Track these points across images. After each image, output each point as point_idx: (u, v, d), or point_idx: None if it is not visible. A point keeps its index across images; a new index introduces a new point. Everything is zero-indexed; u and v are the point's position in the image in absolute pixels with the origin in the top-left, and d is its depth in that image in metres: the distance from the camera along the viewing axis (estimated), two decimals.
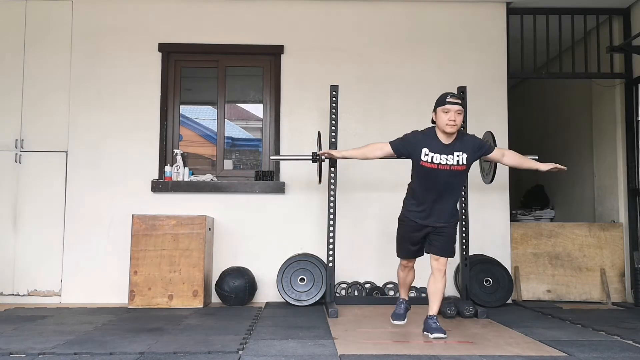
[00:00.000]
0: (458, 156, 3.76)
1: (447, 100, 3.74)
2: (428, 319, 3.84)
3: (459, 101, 3.76)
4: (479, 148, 3.87)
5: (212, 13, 5.76)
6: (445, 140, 3.78)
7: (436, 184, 3.80)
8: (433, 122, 3.86)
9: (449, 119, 3.70)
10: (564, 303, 5.59)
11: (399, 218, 4.00)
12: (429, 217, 3.85)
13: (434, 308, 3.86)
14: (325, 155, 4.46)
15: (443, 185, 3.80)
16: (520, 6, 5.88)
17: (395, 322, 4.12)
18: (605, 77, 6.13)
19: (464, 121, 5.07)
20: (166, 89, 5.72)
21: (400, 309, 4.14)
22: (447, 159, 3.75)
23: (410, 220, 3.90)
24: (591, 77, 6.29)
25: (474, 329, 4.14)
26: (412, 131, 3.93)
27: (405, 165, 4.02)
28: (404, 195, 4.01)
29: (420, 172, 3.83)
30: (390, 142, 3.93)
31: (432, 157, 3.75)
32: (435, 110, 3.81)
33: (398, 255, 4.05)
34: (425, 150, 3.77)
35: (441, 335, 3.71)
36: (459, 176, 3.84)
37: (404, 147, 3.88)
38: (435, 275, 3.87)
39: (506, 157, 4.00)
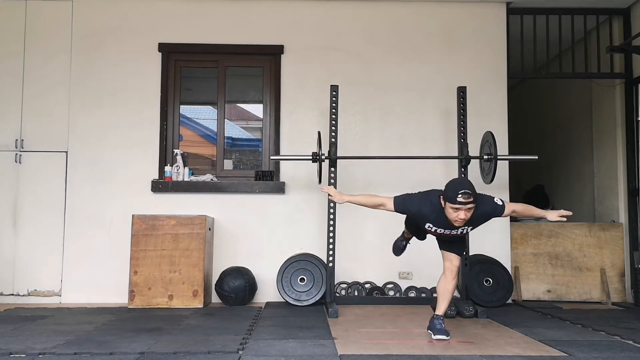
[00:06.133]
0: (463, 229, 3.67)
1: (458, 199, 3.41)
2: (434, 318, 3.83)
3: (471, 199, 3.42)
4: (488, 216, 3.67)
5: (212, 13, 5.76)
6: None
7: (436, 238, 3.92)
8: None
9: (458, 216, 3.48)
10: (564, 303, 5.59)
11: (406, 217, 4.11)
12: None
13: (441, 308, 3.84)
14: (331, 195, 4.03)
15: (443, 241, 3.89)
16: (520, 6, 5.88)
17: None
18: (605, 77, 6.13)
19: (464, 121, 5.09)
20: (166, 89, 5.72)
21: (401, 242, 4.39)
22: (450, 231, 3.69)
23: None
24: (591, 77, 6.29)
25: (474, 329, 4.14)
26: (420, 196, 3.69)
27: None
28: None
29: (421, 228, 3.86)
30: (395, 200, 3.69)
31: (436, 230, 3.71)
32: (444, 200, 3.51)
33: (406, 228, 4.22)
34: (429, 224, 3.68)
35: (443, 337, 3.70)
36: (460, 239, 3.88)
37: (408, 210, 3.74)
38: (446, 275, 3.86)
39: (515, 212, 3.81)
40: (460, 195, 3.41)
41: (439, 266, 3.96)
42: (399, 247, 4.45)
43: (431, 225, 3.68)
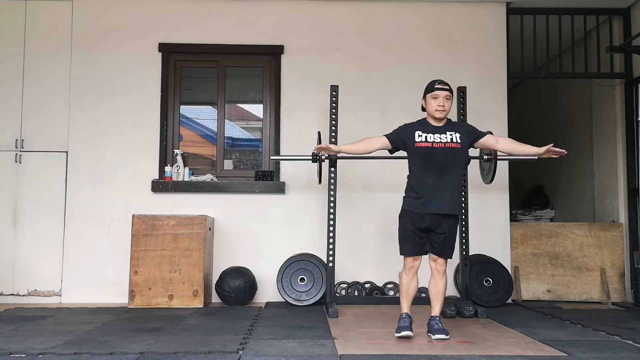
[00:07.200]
0: (451, 135, 3.82)
1: (436, 86, 3.85)
2: (431, 320, 3.82)
3: (447, 87, 3.85)
4: (472, 131, 3.93)
5: (212, 13, 5.76)
6: (436, 123, 3.87)
7: (434, 163, 3.77)
8: (423, 109, 3.95)
9: (437, 104, 3.80)
10: (564, 303, 5.59)
11: (399, 215, 3.90)
12: (431, 203, 3.74)
13: (436, 309, 3.84)
14: (323, 150, 4.20)
15: (441, 164, 3.77)
16: (520, 6, 5.88)
17: (404, 334, 3.73)
18: (605, 77, 6.13)
19: (465, 120, 5.08)
20: (166, 89, 5.72)
21: (405, 322, 3.79)
22: (440, 137, 3.81)
23: (410, 212, 3.81)
24: (591, 77, 6.29)
25: (474, 329, 4.14)
26: (404, 123, 4.00)
27: (406, 166, 4.00)
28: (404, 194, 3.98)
29: (417, 155, 3.84)
30: (386, 134, 3.98)
31: (426, 136, 3.82)
32: (424, 97, 3.90)
33: (402, 253, 3.87)
34: (418, 132, 3.84)
35: (443, 336, 3.69)
36: (455, 155, 3.82)
37: (398, 136, 3.91)
38: (435, 276, 3.85)
39: (501, 142, 3.95)
40: (437, 83, 3.86)
41: None
42: (406, 327, 3.81)
43: (421, 133, 3.83)
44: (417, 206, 3.79)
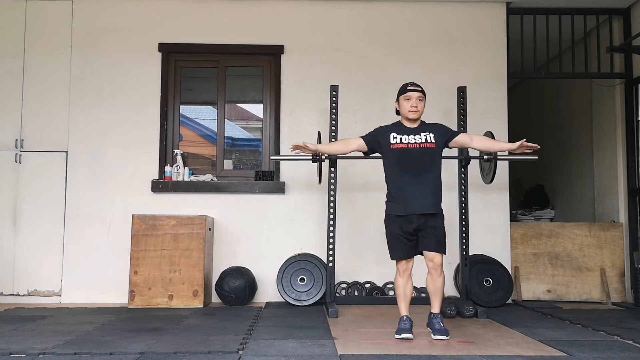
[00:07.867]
0: (425, 135, 3.89)
1: (408, 88, 3.95)
2: (432, 318, 3.83)
3: (420, 88, 3.95)
4: (445, 131, 4.00)
5: (212, 13, 5.76)
6: (410, 125, 3.96)
7: (410, 164, 3.83)
8: (397, 112, 4.05)
9: (411, 105, 3.89)
10: (564, 303, 5.59)
11: (384, 220, 3.94)
12: (412, 203, 3.79)
13: (435, 306, 3.85)
14: (300, 148, 4.19)
15: (417, 165, 3.83)
16: (520, 6, 5.88)
17: (404, 335, 3.72)
18: (605, 77, 6.13)
19: (464, 121, 5.08)
20: (166, 89, 5.72)
21: (405, 325, 3.79)
22: (415, 138, 3.88)
23: (395, 216, 3.86)
24: (591, 77, 6.29)
25: (474, 329, 4.14)
26: (380, 126, 4.08)
27: None
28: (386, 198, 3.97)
29: (393, 157, 3.90)
30: (361, 136, 4.07)
31: (401, 138, 3.90)
32: (397, 99, 4.00)
33: (393, 258, 3.90)
34: (393, 134, 3.93)
35: (443, 337, 3.70)
36: (431, 155, 3.87)
37: (374, 137, 4.01)
38: (432, 274, 3.85)
39: (475, 140, 4.03)
40: (409, 86, 3.97)
41: None
42: (406, 330, 3.80)
43: (395, 135, 3.92)
44: (400, 209, 3.84)
